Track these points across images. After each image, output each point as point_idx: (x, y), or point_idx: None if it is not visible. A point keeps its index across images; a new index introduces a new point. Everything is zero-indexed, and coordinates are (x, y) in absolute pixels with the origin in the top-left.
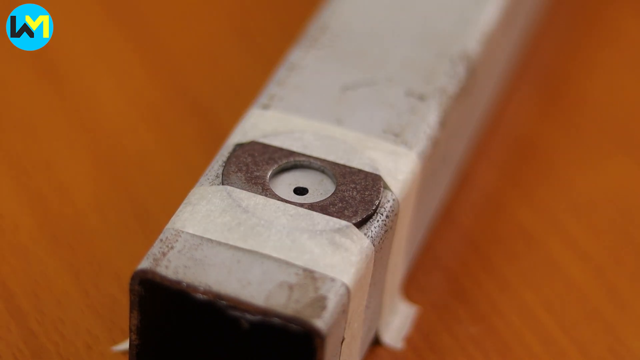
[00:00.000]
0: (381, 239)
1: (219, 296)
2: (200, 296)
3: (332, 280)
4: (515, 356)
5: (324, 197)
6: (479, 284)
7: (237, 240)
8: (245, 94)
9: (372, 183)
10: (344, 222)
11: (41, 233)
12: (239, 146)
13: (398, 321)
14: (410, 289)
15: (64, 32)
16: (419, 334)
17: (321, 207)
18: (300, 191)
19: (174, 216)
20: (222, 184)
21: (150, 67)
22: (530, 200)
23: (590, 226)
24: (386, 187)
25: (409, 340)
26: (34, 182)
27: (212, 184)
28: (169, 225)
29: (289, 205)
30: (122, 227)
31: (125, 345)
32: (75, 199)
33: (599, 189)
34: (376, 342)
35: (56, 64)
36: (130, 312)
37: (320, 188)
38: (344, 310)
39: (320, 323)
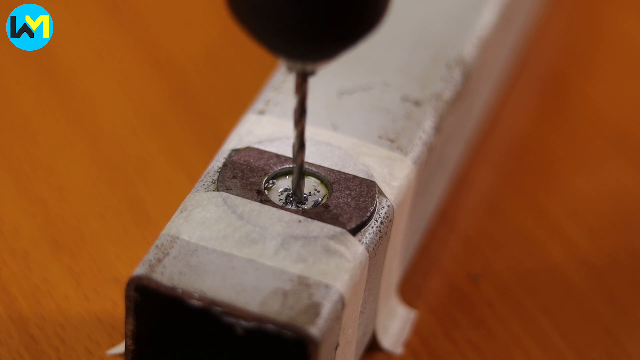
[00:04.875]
0: (376, 245)
1: (213, 302)
2: (195, 302)
3: (326, 286)
4: None
5: (319, 204)
6: (478, 289)
7: (232, 247)
8: (246, 99)
9: (366, 189)
10: (338, 229)
11: (42, 238)
12: (235, 152)
13: (397, 326)
14: (409, 294)
15: (64, 32)
16: (418, 339)
17: (316, 214)
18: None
19: (169, 222)
20: (218, 190)
21: (151, 70)
22: (529, 203)
23: (589, 230)
24: (381, 193)
25: (408, 344)
26: (34, 187)
27: (207, 190)
28: (164, 232)
29: (283, 212)
30: (122, 231)
31: (120, 348)
32: (76, 204)
33: (598, 192)
34: (375, 347)
35: (56, 64)
36: (126, 317)
37: (315, 194)
38: (337, 317)
39: (314, 330)
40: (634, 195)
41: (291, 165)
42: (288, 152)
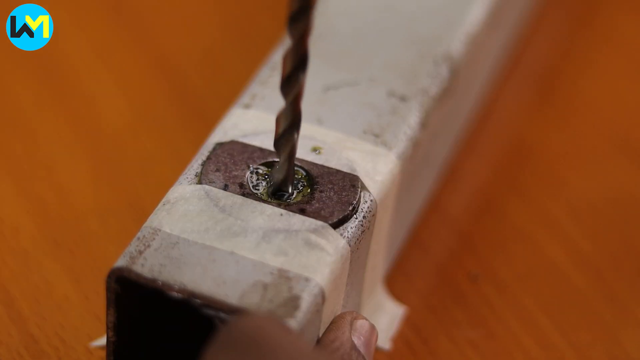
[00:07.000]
0: (358, 239)
1: (193, 295)
2: (175, 294)
3: (307, 280)
4: None
5: (302, 197)
6: (478, 289)
7: (213, 240)
8: None
9: (349, 184)
10: (320, 223)
11: (42, 237)
12: (219, 145)
13: (385, 321)
14: (410, 293)
15: (64, 32)
16: (418, 338)
17: (298, 208)
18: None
19: (151, 214)
20: (201, 183)
21: (151, 70)
22: (528, 203)
23: (589, 229)
24: (364, 187)
25: (408, 343)
26: (34, 186)
27: (190, 183)
28: (146, 224)
29: (265, 205)
30: (122, 231)
31: (103, 340)
32: (76, 203)
33: (596, 189)
34: None
35: (56, 64)
36: (107, 309)
37: (298, 188)
38: (317, 310)
39: (293, 323)
40: (635, 194)
41: (275, 159)
42: (272, 146)
